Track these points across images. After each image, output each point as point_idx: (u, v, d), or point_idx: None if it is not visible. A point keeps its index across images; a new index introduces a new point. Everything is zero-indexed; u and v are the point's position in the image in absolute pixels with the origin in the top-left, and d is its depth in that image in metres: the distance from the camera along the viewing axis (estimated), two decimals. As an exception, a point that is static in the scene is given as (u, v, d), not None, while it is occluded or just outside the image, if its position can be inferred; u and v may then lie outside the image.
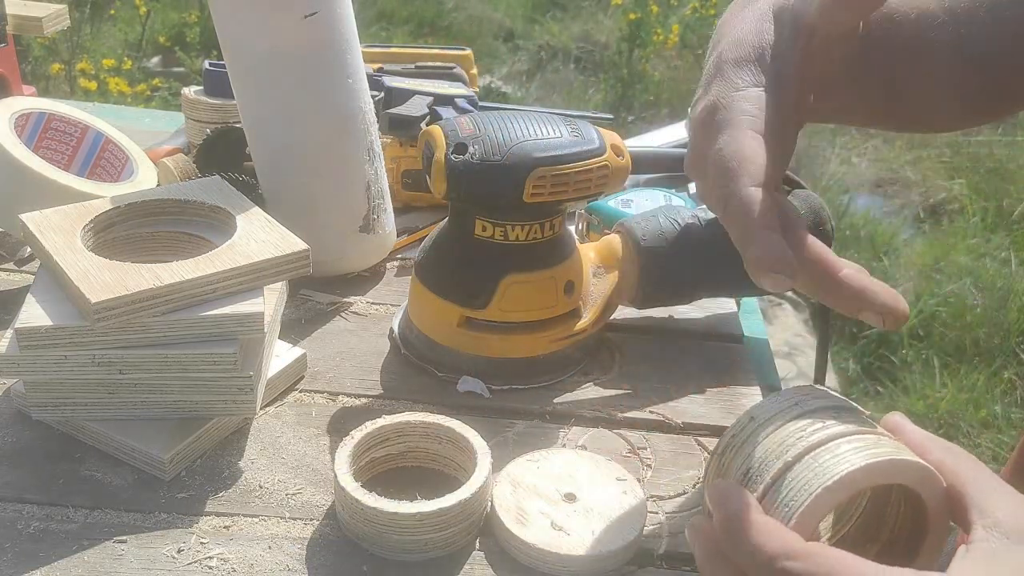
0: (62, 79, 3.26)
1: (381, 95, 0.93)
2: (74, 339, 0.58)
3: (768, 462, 0.44)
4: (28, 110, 0.81)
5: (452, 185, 0.65)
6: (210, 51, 3.50)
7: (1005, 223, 3.01)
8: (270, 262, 0.63)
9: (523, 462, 0.61)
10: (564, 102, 3.70)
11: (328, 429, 0.66)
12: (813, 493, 0.42)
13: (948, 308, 2.58)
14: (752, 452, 0.45)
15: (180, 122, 1.07)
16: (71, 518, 0.57)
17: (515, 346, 0.70)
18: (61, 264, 0.60)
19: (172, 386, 0.61)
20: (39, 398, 0.61)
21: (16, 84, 1.07)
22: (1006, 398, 2.32)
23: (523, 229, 0.68)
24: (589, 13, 4.59)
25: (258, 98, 0.77)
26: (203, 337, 0.60)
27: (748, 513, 0.42)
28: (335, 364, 0.73)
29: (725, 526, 0.42)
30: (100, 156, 0.84)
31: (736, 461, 0.46)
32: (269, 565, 0.55)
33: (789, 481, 0.43)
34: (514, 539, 0.55)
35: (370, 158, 0.80)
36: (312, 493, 0.60)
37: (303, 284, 0.81)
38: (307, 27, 0.73)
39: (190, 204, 0.70)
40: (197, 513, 0.58)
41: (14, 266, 0.82)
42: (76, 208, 0.68)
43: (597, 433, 0.67)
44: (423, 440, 0.62)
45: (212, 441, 0.63)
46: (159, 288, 0.58)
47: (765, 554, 0.40)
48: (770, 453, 0.45)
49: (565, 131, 0.67)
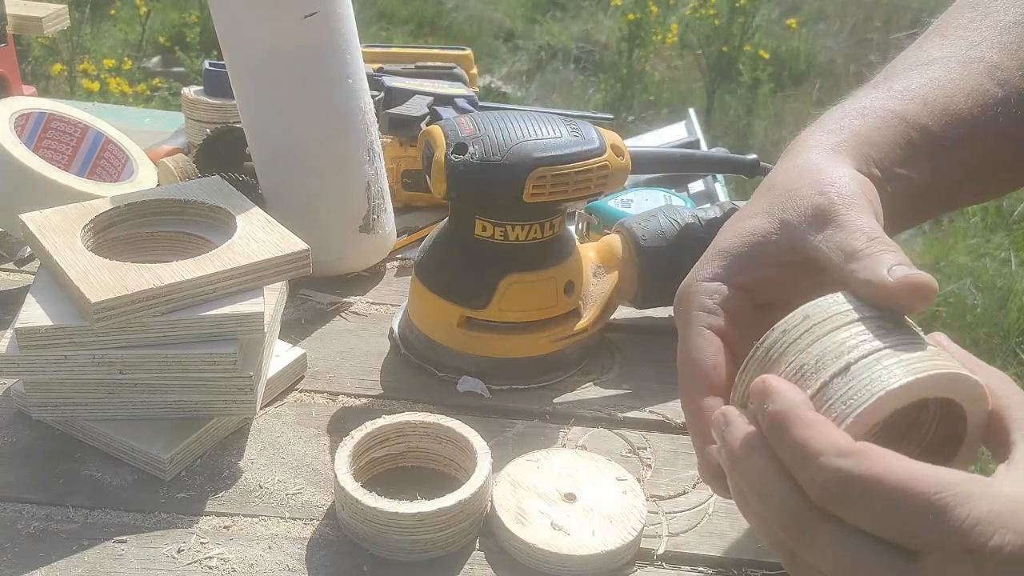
0: (62, 79, 3.26)
1: (381, 95, 0.93)
2: (74, 339, 0.58)
3: (826, 360, 0.43)
4: (28, 110, 0.81)
5: (452, 185, 0.65)
6: (210, 51, 3.50)
7: (1005, 223, 3.01)
8: (270, 262, 0.63)
9: (523, 462, 0.61)
10: (564, 102, 3.70)
11: (328, 429, 0.66)
12: (876, 395, 0.41)
13: (948, 308, 2.58)
14: (807, 348, 0.43)
15: (180, 122, 1.07)
16: (71, 518, 0.57)
17: (515, 346, 0.70)
18: (61, 264, 0.60)
19: (172, 386, 0.61)
20: (39, 398, 0.61)
21: (16, 84, 1.07)
22: (1006, 398, 2.32)
23: (523, 229, 0.68)
24: (589, 13, 4.59)
25: (258, 98, 0.77)
26: (203, 337, 0.60)
27: (800, 409, 0.40)
28: (335, 364, 0.73)
29: (774, 419, 0.41)
30: (100, 156, 0.84)
31: (788, 356, 0.44)
32: (269, 565, 0.55)
33: (848, 381, 0.42)
34: (514, 539, 0.55)
35: (370, 158, 0.80)
36: (312, 493, 0.60)
37: (303, 284, 0.81)
38: (307, 27, 0.73)
39: (190, 204, 0.70)
40: (197, 513, 0.58)
41: (14, 266, 0.82)
42: (76, 208, 0.68)
43: (597, 433, 0.67)
44: (423, 440, 0.62)
45: (212, 441, 0.63)
46: (159, 288, 0.58)
47: (814, 449, 0.39)
48: (828, 352, 0.43)
49: (565, 131, 0.67)
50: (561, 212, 0.69)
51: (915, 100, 0.54)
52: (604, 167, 0.67)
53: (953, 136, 0.54)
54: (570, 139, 0.66)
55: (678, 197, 0.88)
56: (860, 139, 0.52)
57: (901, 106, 0.54)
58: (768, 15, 4.20)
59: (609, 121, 1.06)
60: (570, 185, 0.66)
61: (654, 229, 0.73)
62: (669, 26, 4.11)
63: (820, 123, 0.54)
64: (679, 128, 1.20)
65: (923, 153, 0.53)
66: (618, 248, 0.74)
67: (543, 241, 0.69)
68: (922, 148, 0.53)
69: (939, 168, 0.54)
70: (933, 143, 0.54)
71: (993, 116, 0.56)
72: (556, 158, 0.65)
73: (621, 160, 0.68)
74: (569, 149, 0.66)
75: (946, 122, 0.54)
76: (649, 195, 0.87)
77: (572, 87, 3.96)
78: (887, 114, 0.53)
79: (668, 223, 0.73)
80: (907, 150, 0.53)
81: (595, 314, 0.73)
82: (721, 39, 3.92)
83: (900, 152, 0.53)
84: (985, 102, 0.56)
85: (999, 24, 0.59)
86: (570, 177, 0.66)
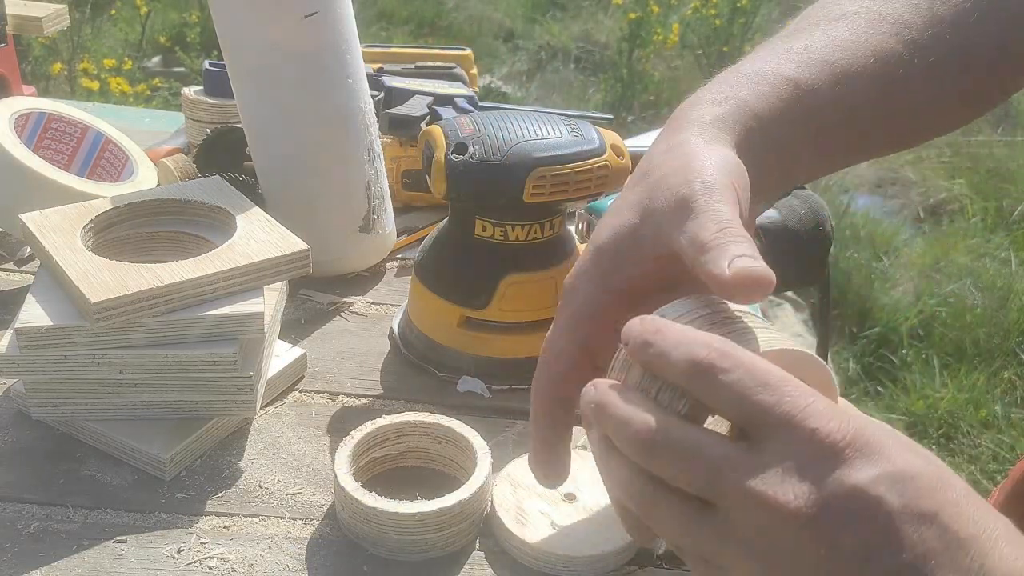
0: (62, 79, 3.26)
1: (381, 95, 0.93)
2: (74, 339, 0.58)
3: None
4: (28, 110, 0.81)
5: (452, 185, 0.65)
6: (210, 51, 3.50)
7: (1005, 223, 3.01)
8: (270, 262, 0.63)
9: (523, 462, 0.61)
10: (564, 102, 3.70)
11: (328, 429, 0.66)
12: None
13: (948, 308, 2.58)
14: None
15: (180, 122, 1.07)
16: (71, 518, 0.57)
17: (515, 346, 0.70)
18: (61, 264, 0.60)
19: (172, 386, 0.61)
20: (39, 398, 0.61)
21: (16, 84, 1.07)
22: (1006, 398, 2.32)
23: (523, 229, 0.68)
24: (589, 13, 4.59)
25: (258, 98, 0.77)
26: (203, 337, 0.60)
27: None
28: (335, 364, 0.73)
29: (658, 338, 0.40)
30: (100, 156, 0.84)
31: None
32: (269, 565, 0.55)
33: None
34: (514, 539, 0.55)
35: (370, 158, 0.80)
36: (312, 493, 0.60)
37: (303, 284, 0.81)
38: (307, 27, 0.73)
39: (190, 204, 0.70)
40: (197, 513, 0.58)
41: (14, 266, 0.82)
42: (76, 208, 0.68)
43: (597, 433, 0.67)
44: (423, 440, 0.62)
45: (212, 441, 0.63)
46: (159, 288, 0.58)
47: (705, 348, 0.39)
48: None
49: (565, 131, 0.67)
50: (561, 212, 0.69)
51: (813, 63, 0.54)
52: (604, 167, 0.67)
53: (849, 99, 0.54)
54: (570, 139, 0.66)
55: (678, 197, 0.88)
56: (744, 109, 0.51)
57: (795, 70, 0.53)
58: (768, 15, 4.20)
59: (609, 121, 1.06)
60: (570, 185, 0.66)
61: (654, 229, 0.73)
62: (670, 26, 4.12)
63: (709, 87, 0.53)
64: (679, 128, 1.19)
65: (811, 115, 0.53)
66: (618, 248, 0.74)
67: (543, 241, 0.69)
68: (811, 111, 0.53)
69: (825, 126, 0.54)
70: (824, 105, 0.53)
71: (894, 77, 0.55)
72: (556, 158, 0.65)
73: (621, 160, 0.68)
74: (569, 149, 0.66)
75: (840, 87, 0.54)
76: (649, 195, 0.87)
77: (572, 87, 3.96)
78: (779, 79, 0.53)
79: (668, 223, 0.73)
80: (795, 114, 0.52)
81: (595, 314, 0.73)
82: (722, 39, 3.92)
83: (786, 117, 0.52)
84: (888, 62, 0.55)
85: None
86: (570, 177, 0.66)
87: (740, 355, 0.39)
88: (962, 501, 0.37)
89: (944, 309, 2.58)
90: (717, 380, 0.38)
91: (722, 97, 0.52)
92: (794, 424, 0.37)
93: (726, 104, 0.51)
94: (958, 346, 2.48)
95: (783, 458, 0.37)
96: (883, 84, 0.55)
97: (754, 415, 0.38)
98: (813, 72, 0.54)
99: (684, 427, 0.39)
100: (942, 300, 2.61)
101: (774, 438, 0.37)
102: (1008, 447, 2.16)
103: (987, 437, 2.20)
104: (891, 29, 0.56)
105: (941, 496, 0.37)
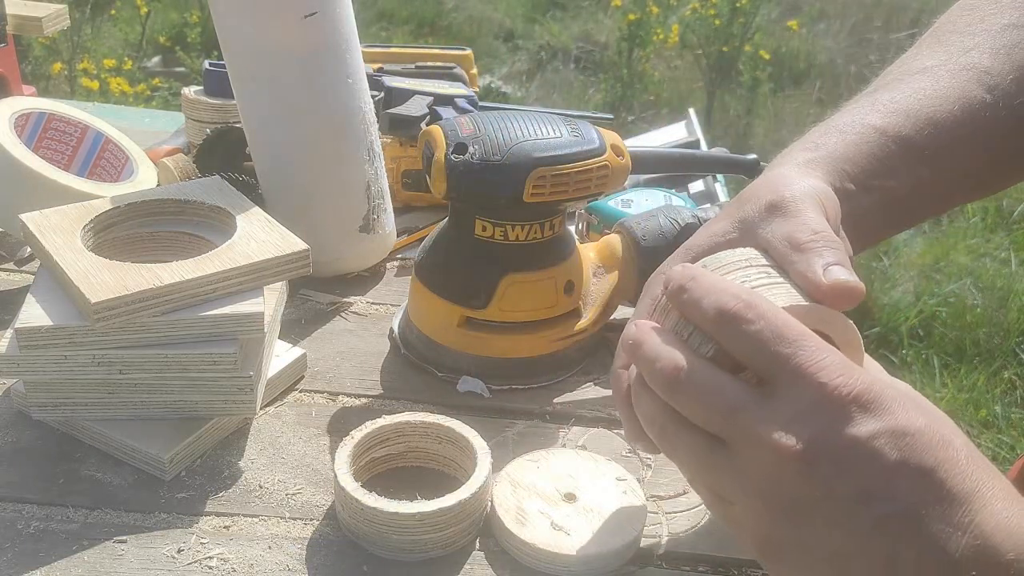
0: (62, 79, 3.26)
1: (381, 95, 0.93)
2: (74, 339, 0.58)
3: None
4: (28, 110, 0.81)
5: (452, 185, 0.65)
6: (210, 51, 3.50)
7: (1005, 223, 3.01)
8: (270, 262, 0.63)
9: (523, 462, 0.61)
10: (564, 102, 3.70)
11: (328, 429, 0.66)
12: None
13: (948, 308, 2.58)
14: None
15: (180, 122, 1.07)
16: (71, 518, 0.57)
17: (515, 346, 0.70)
18: (61, 264, 0.60)
19: (172, 386, 0.61)
20: (39, 398, 0.61)
21: (16, 84, 1.07)
22: (1006, 398, 2.32)
23: (523, 229, 0.68)
24: (589, 13, 4.59)
25: (258, 98, 0.77)
26: (203, 337, 0.60)
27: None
28: (335, 364, 0.73)
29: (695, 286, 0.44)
30: (100, 156, 0.84)
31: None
32: (269, 565, 0.55)
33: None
34: (514, 539, 0.55)
35: (370, 158, 0.80)
36: (312, 493, 0.60)
37: (303, 284, 0.81)
38: (307, 27, 0.73)
39: (190, 204, 0.70)
40: (197, 513, 0.58)
41: (14, 266, 0.82)
42: (76, 208, 0.68)
43: (597, 433, 0.67)
44: (423, 440, 0.62)
45: (212, 441, 0.63)
46: (159, 288, 0.58)
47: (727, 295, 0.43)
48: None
49: (565, 131, 0.67)
50: (561, 212, 0.69)
51: (897, 113, 0.57)
52: (604, 167, 0.67)
53: (936, 144, 0.56)
54: (570, 139, 0.66)
55: (678, 197, 0.88)
56: (835, 156, 0.55)
57: (882, 119, 0.56)
58: (768, 15, 4.21)
59: (609, 121, 1.06)
60: (570, 185, 0.66)
61: (654, 229, 0.73)
62: (670, 26, 4.12)
63: (801, 140, 0.57)
64: (679, 128, 1.20)
65: (903, 163, 0.56)
66: (618, 248, 0.74)
67: (543, 241, 0.69)
68: (902, 158, 0.56)
69: (921, 175, 0.56)
70: (914, 152, 0.56)
71: (981, 121, 0.57)
72: (556, 158, 0.65)
73: (621, 160, 0.68)
74: (569, 149, 0.66)
75: (929, 132, 0.56)
76: (649, 195, 0.87)
77: (572, 87, 3.97)
78: (866, 129, 0.56)
79: (668, 223, 0.73)
80: (885, 162, 0.55)
81: (595, 314, 0.73)
82: (721, 39, 3.92)
83: (877, 164, 0.55)
84: (973, 108, 0.57)
85: (993, 28, 0.60)
86: (570, 177, 0.66)
87: (764, 308, 0.42)
88: (962, 460, 0.40)
89: (944, 309, 2.58)
90: (740, 329, 0.42)
91: (812, 146, 0.56)
92: (805, 376, 0.40)
93: (816, 151, 0.55)
94: (958, 346, 2.48)
95: (791, 406, 0.40)
96: (970, 130, 0.57)
97: (771, 365, 0.41)
98: (899, 120, 0.56)
99: (707, 369, 0.42)
100: (942, 300, 2.61)
101: (786, 387, 0.40)
102: (1008, 447, 2.16)
103: (987, 437, 2.20)
104: (973, 76, 0.58)
105: (941, 453, 0.39)
